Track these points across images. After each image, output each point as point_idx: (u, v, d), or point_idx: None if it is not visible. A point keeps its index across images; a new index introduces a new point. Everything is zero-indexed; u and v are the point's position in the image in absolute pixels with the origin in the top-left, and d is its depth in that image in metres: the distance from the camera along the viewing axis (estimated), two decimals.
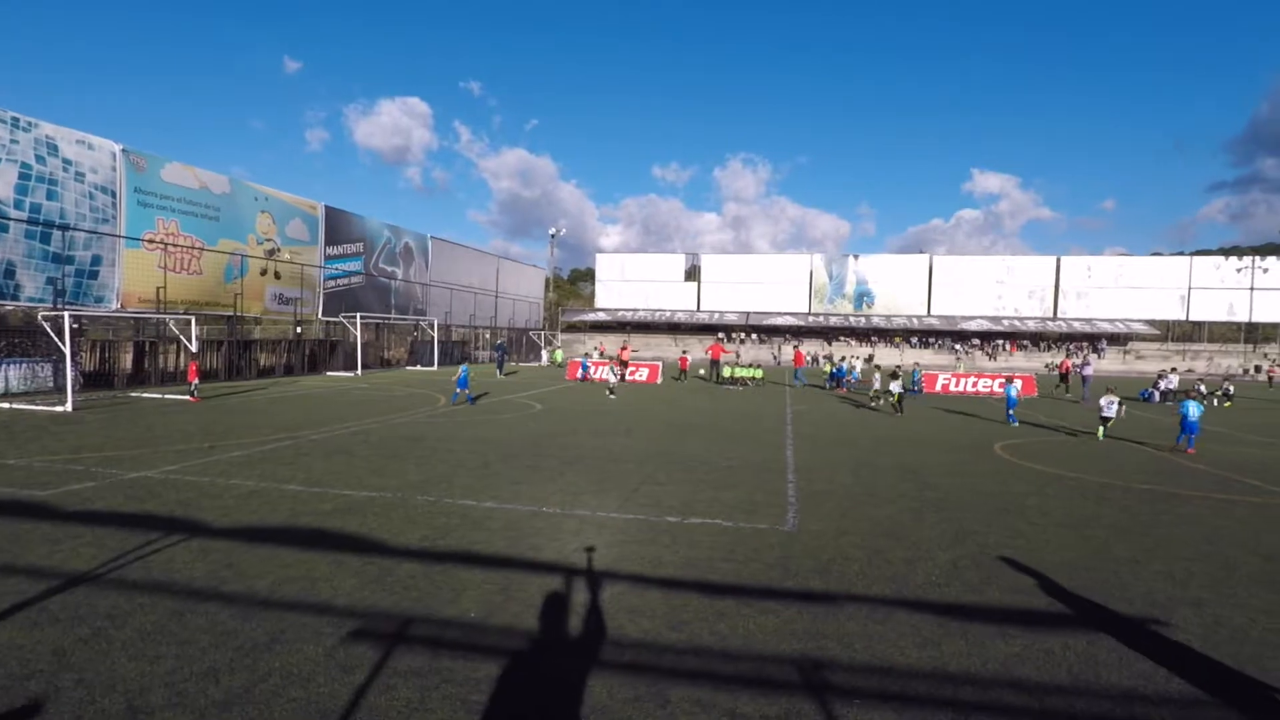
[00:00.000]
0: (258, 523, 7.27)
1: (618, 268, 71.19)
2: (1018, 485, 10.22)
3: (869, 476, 10.54)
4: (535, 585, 5.69)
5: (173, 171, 26.09)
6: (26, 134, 21.04)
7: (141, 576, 5.67)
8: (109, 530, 6.89)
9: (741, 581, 5.92)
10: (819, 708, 3.92)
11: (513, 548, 6.67)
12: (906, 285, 64.92)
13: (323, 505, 8.04)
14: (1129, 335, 59.69)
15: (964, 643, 4.79)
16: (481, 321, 50.93)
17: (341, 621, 4.88)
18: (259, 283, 30.25)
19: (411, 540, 6.82)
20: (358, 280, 37.31)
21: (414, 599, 5.33)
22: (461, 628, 4.86)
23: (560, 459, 11.42)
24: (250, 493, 8.56)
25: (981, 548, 7.02)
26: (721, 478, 10.21)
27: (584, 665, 4.39)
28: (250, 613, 4.99)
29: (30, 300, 21.01)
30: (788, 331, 66.33)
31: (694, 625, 4.99)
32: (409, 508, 8.05)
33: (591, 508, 8.27)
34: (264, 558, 6.18)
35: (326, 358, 32.86)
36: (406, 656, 4.40)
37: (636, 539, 7.05)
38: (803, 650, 4.62)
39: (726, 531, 7.40)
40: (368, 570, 5.93)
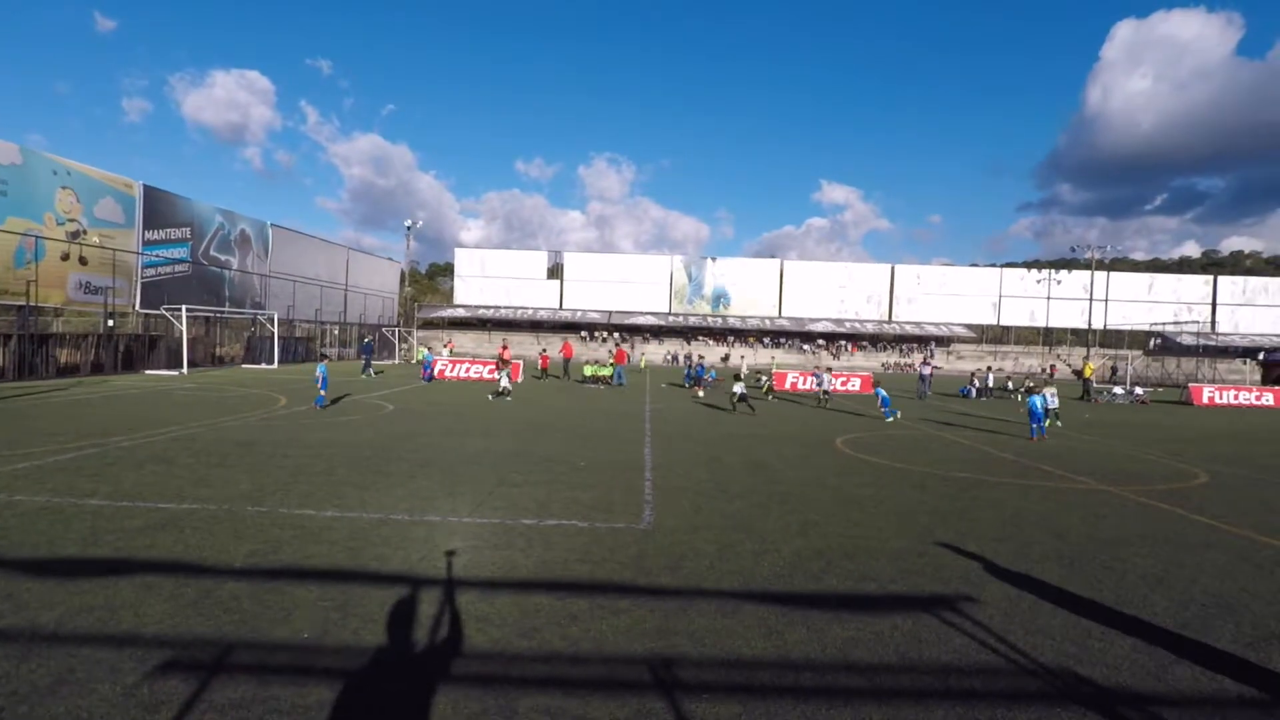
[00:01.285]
0: (45, 546, 6.34)
1: (478, 263, 69.44)
2: (855, 477, 10.96)
3: (722, 472, 10.90)
4: (378, 599, 5.35)
5: None
6: None
7: None
8: None
9: (595, 581, 5.90)
10: (668, 706, 3.96)
11: (355, 560, 6.26)
12: (760, 288, 68.20)
13: (131, 521, 7.15)
14: (951, 338, 66.15)
15: (805, 630, 5.03)
16: (329, 316, 47.87)
17: (147, 654, 4.33)
18: (59, 268, 26.63)
19: (236, 558, 6.20)
20: (183, 269, 33.82)
21: (237, 622, 4.84)
22: (292, 650, 4.46)
23: (411, 462, 10.90)
24: (39, 510, 7.46)
25: (823, 538, 7.44)
26: (580, 477, 10.17)
27: (428, 681, 4.16)
28: (32, 651, 4.32)
29: None
30: (648, 331, 67.62)
31: (545, 631, 4.89)
32: (237, 520, 7.34)
33: (443, 512, 7.94)
34: (52, 587, 5.38)
35: (146, 354, 29.51)
36: (226, 688, 3.97)
37: (490, 543, 6.84)
38: (654, 649, 4.66)
39: (583, 532, 7.35)
40: (183, 593, 5.32)
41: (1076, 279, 65.31)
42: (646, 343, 65.44)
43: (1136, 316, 63.95)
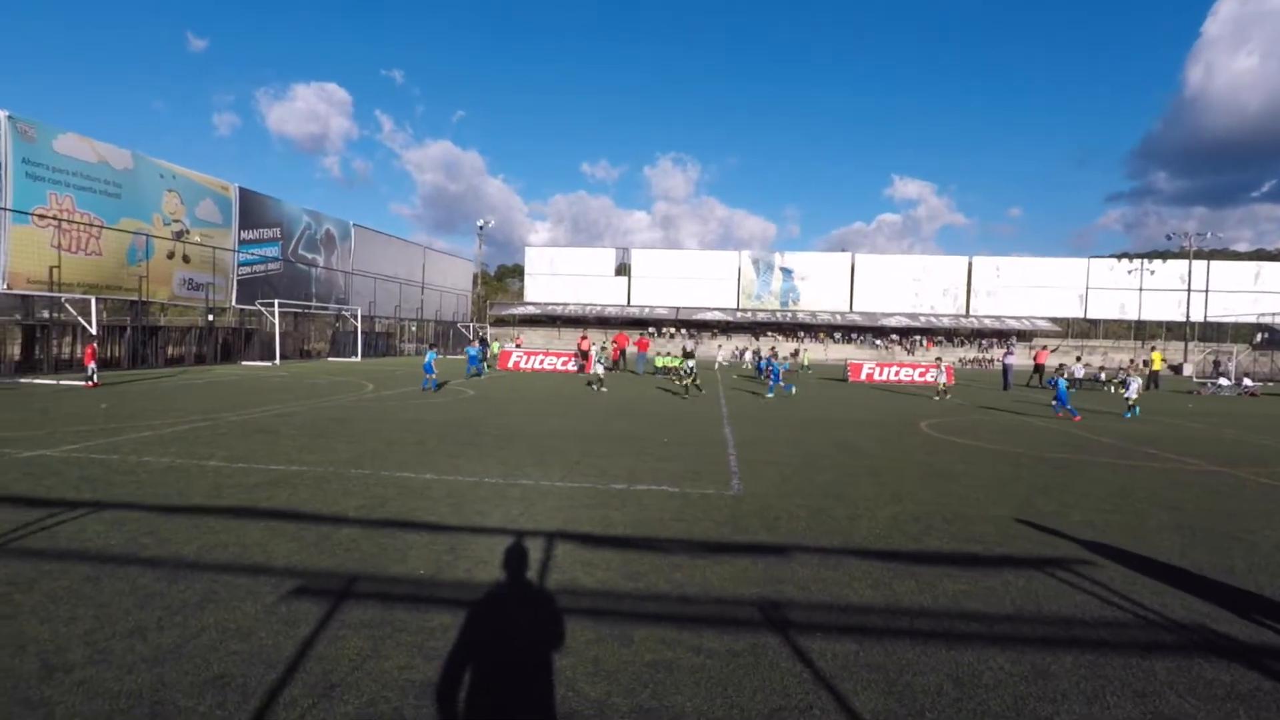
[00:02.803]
0: (177, 495, 6.80)
1: (547, 261, 70.51)
2: (945, 455, 10.64)
3: (806, 451, 10.76)
4: (484, 545, 5.52)
5: (67, 143, 24.18)
6: None
7: (48, 545, 5.20)
8: (2, 505, 6.30)
9: (693, 536, 5.92)
10: (783, 641, 3.94)
11: (457, 514, 6.47)
12: (831, 282, 66.88)
13: (248, 479, 7.60)
14: (1034, 331, 63.32)
15: (913, 583, 4.92)
16: (407, 313, 49.52)
17: (280, 581, 4.60)
18: (166, 266, 28.43)
19: (348, 509, 6.51)
20: (275, 267, 35.59)
21: (357, 560, 5.08)
22: (411, 583, 4.66)
23: (497, 436, 11.18)
24: (166, 469, 8.01)
25: (918, 505, 7.26)
26: (664, 451, 10.22)
27: (542, 612, 4.28)
28: (177, 576, 4.64)
29: None
30: (716, 326, 67.31)
31: (650, 576, 4.94)
32: (342, 480, 7.69)
33: (534, 477, 8.11)
34: (188, 526, 5.77)
35: (242, 347, 31.22)
36: (355, 610, 4.18)
37: (584, 504, 6.95)
38: (760, 594, 4.65)
39: (674, 496, 7.39)
40: (304, 536, 5.62)
41: (1172, 269, 61.43)
42: (714, 338, 65.14)
43: (1240, 308, 59.75)
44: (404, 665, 3.54)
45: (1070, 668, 3.73)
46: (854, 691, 3.43)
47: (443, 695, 3.27)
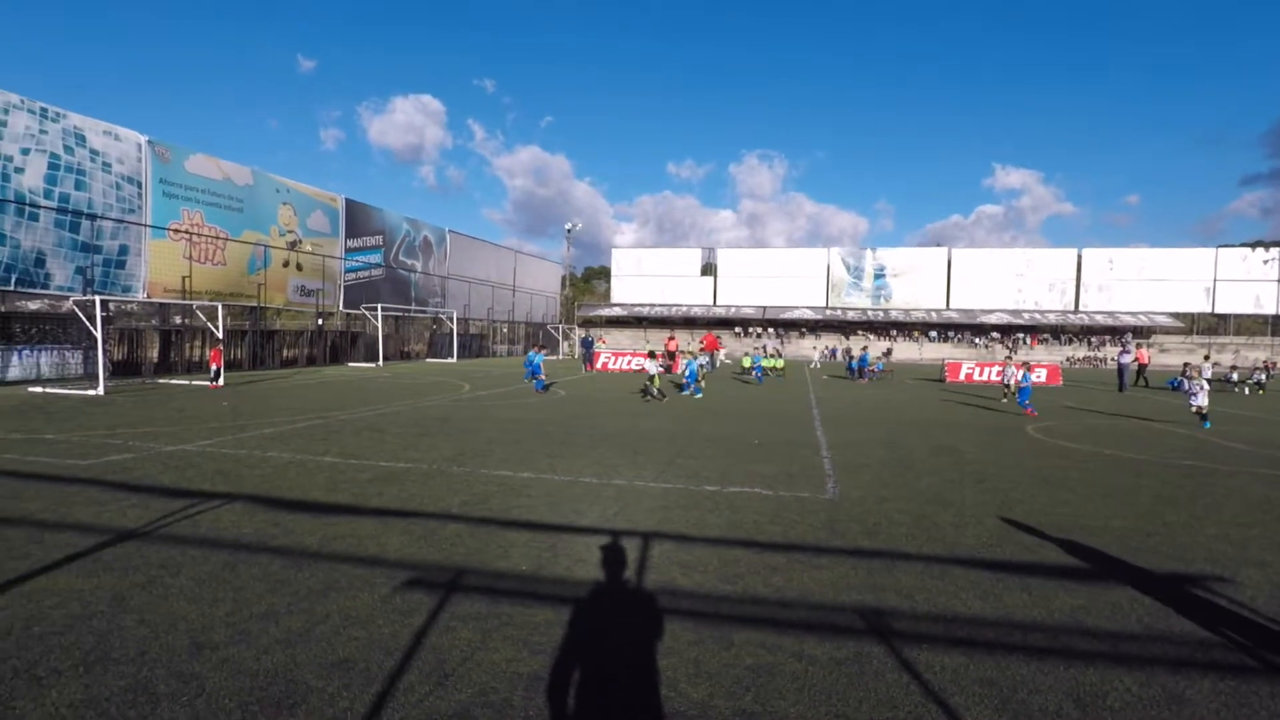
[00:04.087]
0: (298, 489, 7.29)
1: (633, 262, 71.13)
2: (1056, 461, 10.05)
3: (904, 453, 10.41)
4: (582, 543, 5.65)
5: (197, 163, 26.32)
6: (55, 124, 21.29)
7: (190, 533, 5.69)
8: (152, 495, 6.93)
9: (790, 540, 5.85)
10: (887, 651, 3.84)
11: (554, 512, 6.64)
12: (925, 279, 64.35)
13: (361, 475, 8.05)
14: (1152, 328, 58.85)
15: (1026, 596, 4.69)
16: (499, 315, 51.07)
17: (394, 573, 4.86)
18: (281, 274, 30.47)
19: (452, 505, 6.80)
20: (378, 273, 37.49)
21: (463, 554, 5.30)
22: (515, 579, 4.82)
23: (591, 436, 11.38)
24: (287, 464, 8.59)
25: (1029, 514, 6.90)
26: (756, 453, 10.13)
27: (642, 611, 4.33)
28: (302, 564, 4.98)
29: (60, 289, 21.26)
30: (804, 325, 66.06)
31: (748, 579, 4.92)
32: (446, 477, 8.03)
33: (628, 478, 8.22)
34: (309, 519, 6.18)
35: (348, 349, 33.06)
36: (463, 603, 4.37)
37: (678, 505, 6.99)
38: (861, 601, 4.54)
39: (768, 499, 7.32)
40: (413, 530, 5.91)
41: None
42: (803, 337, 63.96)
43: None
44: (511, 658, 3.67)
45: (1208, 694, 3.46)
46: (965, 706, 3.30)
47: (552, 690, 3.38)
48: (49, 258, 20.94)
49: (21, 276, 20.27)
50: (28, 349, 19.22)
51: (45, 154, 20.92)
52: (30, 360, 19.20)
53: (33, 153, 20.57)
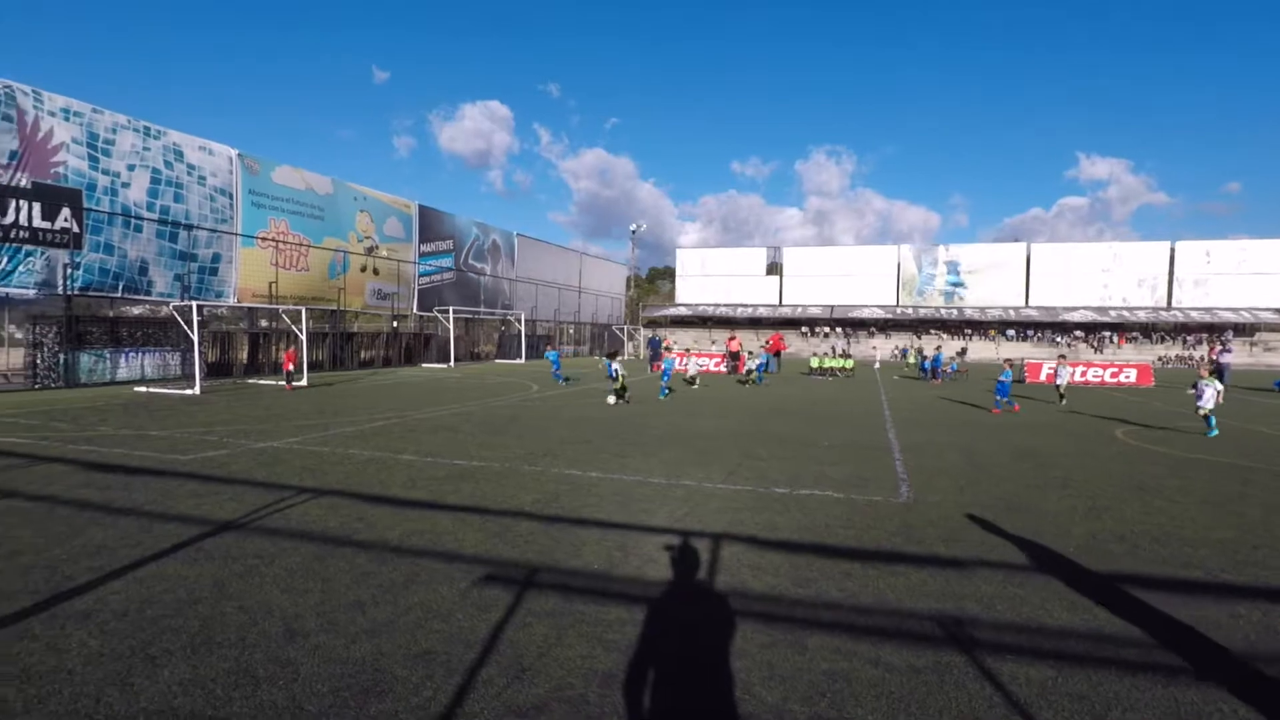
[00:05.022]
0: (379, 485, 7.59)
1: (698, 263, 70.94)
2: (1149, 467, 9.52)
3: (981, 457, 10.06)
4: (653, 543, 5.69)
5: (282, 174, 27.69)
6: (156, 141, 22.77)
7: (281, 525, 6.00)
8: (246, 488, 7.33)
9: (863, 545, 5.74)
10: (968, 661, 3.73)
11: (624, 511, 6.70)
12: (1002, 275, 61.87)
13: (437, 472, 8.32)
14: (1255, 325, 54.94)
15: (1118, 608, 4.46)
16: (565, 317, 51.79)
17: (471, 568, 5.01)
18: (359, 279, 31.73)
19: (525, 503, 6.95)
20: (449, 276, 38.59)
21: (536, 552, 5.41)
22: (587, 576, 4.90)
23: (658, 436, 11.43)
24: (368, 460, 8.95)
25: (1120, 523, 6.56)
26: (826, 455, 9.97)
27: (714, 612, 4.34)
28: (385, 558, 5.19)
29: (160, 295, 22.72)
30: (874, 325, 64.51)
31: (820, 583, 4.85)
32: (517, 476, 8.21)
33: (696, 479, 8.22)
34: (390, 514, 6.43)
35: (421, 350, 34.14)
36: (538, 600, 4.46)
37: (748, 507, 6.95)
38: (939, 608, 4.42)
39: (839, 502, 7.20)
40: (488, 527, 6.07)
41: None
42: (872, 337, 62.47)
43: None
44: (586, 655, 3.73)
45: None
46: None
47: (627, 688, 3.42)
48: (151, 266, 22.43)
49: (128, 284, 21.78)
50: (133, 351, 20.62)
51: (148, 169, 22.40)
52: (135, 361, 20.59)
53: (137, 168, 22.07)
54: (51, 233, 19.74)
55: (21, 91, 19.16)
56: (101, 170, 21.07)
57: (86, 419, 12.51)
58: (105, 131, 21.23)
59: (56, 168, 19.92)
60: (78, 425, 11.72)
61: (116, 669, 3.48)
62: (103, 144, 21.15)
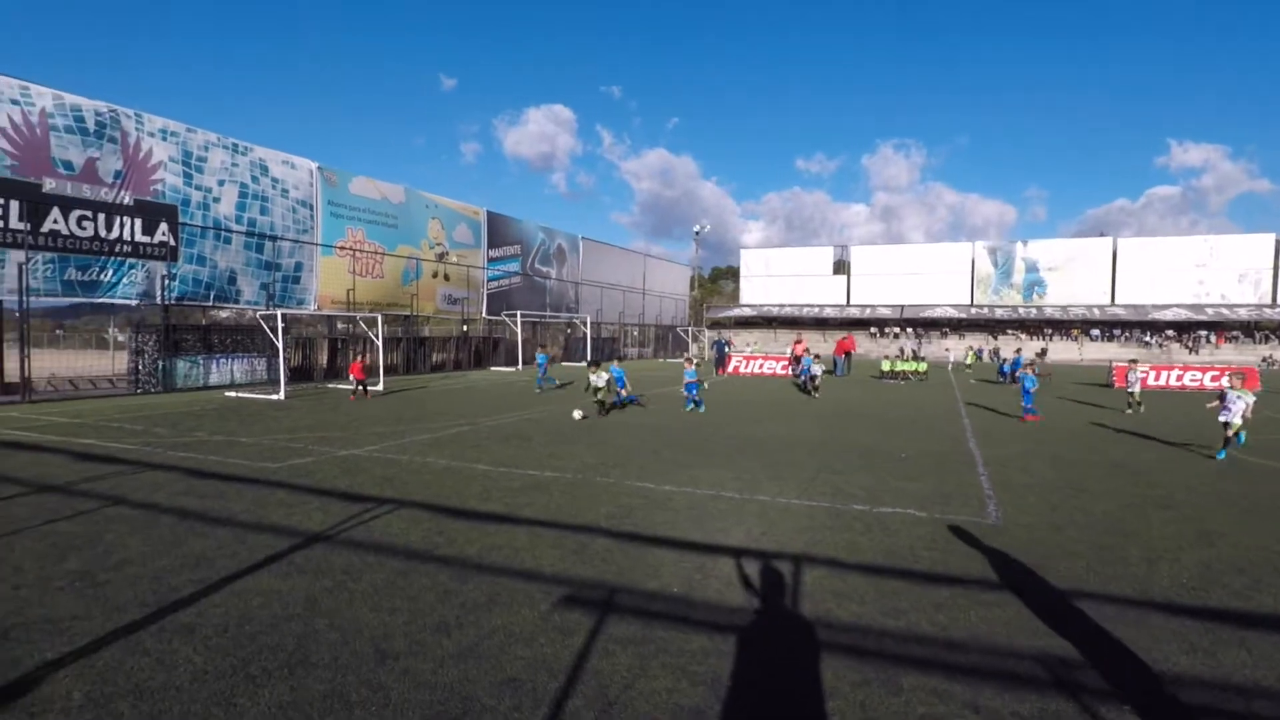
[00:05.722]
0: (456, 497, 7.72)
1: (762, 263, 70.17)
2: (1264, 485, 8.83)
3: (1074, 472, 9.53)
4: (731, 565, 5.58)
5: (359, 185, 28.70)
6: (244, 157, 23.92)
7: (365, 538, 6.16)
8: (331, 499, 7.58)
9: (952, 572, 5.49)
10: (1079, 709, 3.50)
11: (699, 529, 6.61)
12: (1085, 272, 58.93)
13: (511, 484, 8.41)
14: None
15: (1245, 653, 4.12)
16: (630, 319, 51.98)
17: (550, 589, 5.02)
18: (431, 284, 32.61)
19: (599, 518, 6.94)
20: (517, 280, 39.26)
21: (614, 572, 5.39)
22: (666, 600, 4.84)
23: (729, 446, 11.29)
24: (444, 471, 9.13)
25: (1237, 550, 6.09)
26: (904, 468, 9.64)
27: (799, 644, 4.21)
28: (466, 575, 5.26)
29: (247, 303, 23.87)
30: (946, 325, 62.42)
31: (910, 614, 4.66)
32: (590, 488, 8.23)
33: (771, 493, 8.06)
34: (468, 528, 6.52)
35: (489, 353, 34.83)
36: (619, 625, 4.43)
37: (826, 525, 6.77)
38: (1039, 646, 4.17)
39: (922, 521, 6.93)
40: (564, 543, 6.09)
41: None
42: (945, 337, 60.44)
43: None
44: (671, 688, 3.67)
45: None
46: None
47: None
48: (239, 276, 23.58)
49: (219, 293, 22.96)
50: (224, 357, 21.71)
51: (236, 184, 23.56)
52: (225, 367, 21.68)
53: (226, 184, 23.24)
54: (151, 246, 20.98)
55: (125, 115, 20.44)
56: (195, 186, 22.27)
57: (184, 424, 13.22)
58: (198, 150, 22.43)
59: (155, 185, 21.16)
60: (176, 430, 12.39)
61: (220, 688, 3.61)
62: (196, 161, 22.35)
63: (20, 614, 4.49)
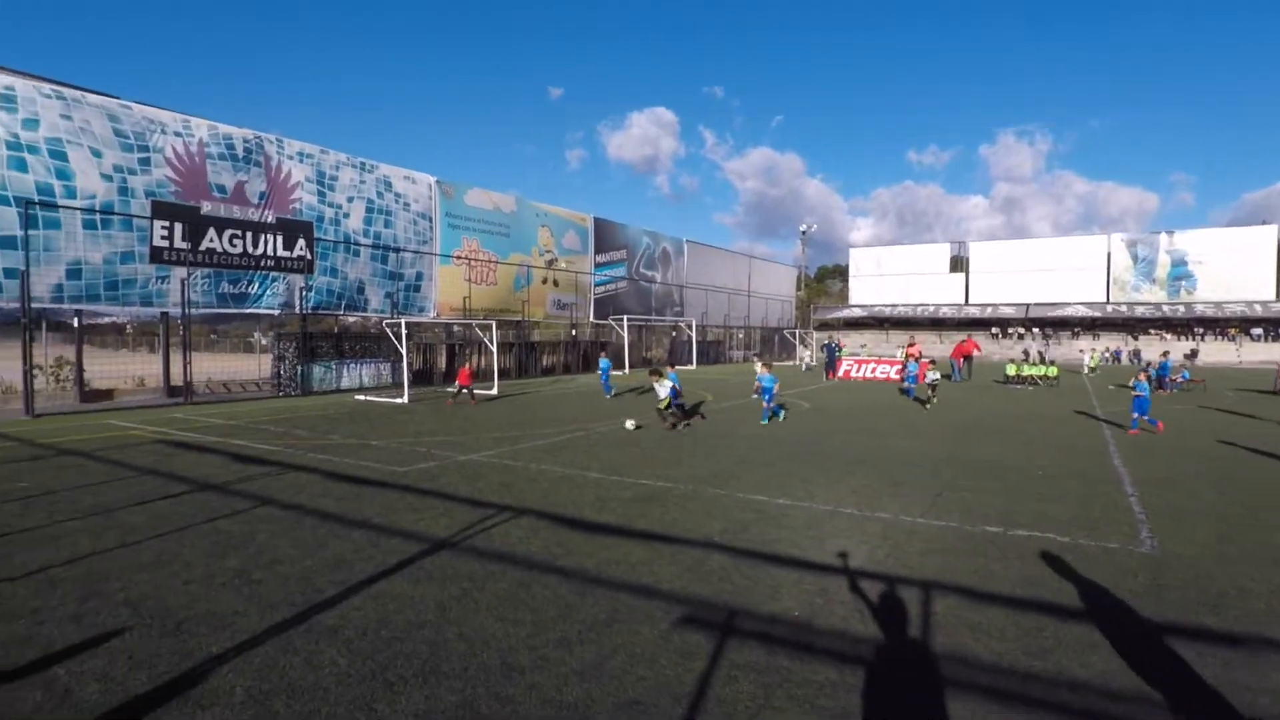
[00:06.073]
0: (572, 506, 7.85)
1: (873, 262, 67.76)
2: None
3: (1245, 495, 8.55)
4: (855, 588, 5.36)
5: (473, 196, 29.98)
6: (370, 175, 25.51)
7: (487, 546, 6.36)
8: (454, 504, 7.89)
9: (1104, 607, 5.03)
10: None
11: (819, 548, 6.40)
12: (1243, 264, 53.16)
13: (624, 493, 8.47)
14: None
15: None
16: (734, 321, 51.53)
17: (669, 607, 4.98)
18: (541, 290, 33.59)
19: (713, 533, 6.86)
20: (623, 285, 39.79)
21: (731, 592, 5.29)
22: (788, 626, 4.69)
23: (845, 458, 10.91)
24: (559, 478, 9.32)
25: None
26: (1040, 487, 8.97)
27: (935, 682, 3.97)
28: (585, 590, 5.31)
29: (374, 311, 25.43)
30: (1078, 324, 57.96)
31: (1057, 654, 4.29)
32: (703, 500, 8.16)
33: (893, 511, 7.70)
34: (585, 539, 6.61)
35: (597, 357, 35.43)
36: (741, 649, 4.33)
37: (956, 549, 6.38)
38: (1228, 705, 3.73)
39: (1065, 548, 6.40)
40: (681, 559, 6.04)
41: None
42: (1076, 338, 56.17)
43: None
44: None
45: None
46: None
47: None
48: (366, 286, 25.18)
49: (348, 302, 24.61)
50: (353, 362, 23.22)
51: (364, 200, 25.17)
52: (355, 372, 23.18)
53: (355, 200, 24.87)
54: (290, 260, 22.75)
55: (268, 140, 22.27)
56: (327, 203, 23.96)
57: (320, 426, 14.21)
58: (330, 169, 24.12)
59: (294, 204, 22.93)
60: (314, 432, 13.33)
61: (362, 692, 3.80)
62: (328, 180, 24.05)
63: (190, 608, 4.93)
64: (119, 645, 4.35)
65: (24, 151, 16.88)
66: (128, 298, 18.95)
